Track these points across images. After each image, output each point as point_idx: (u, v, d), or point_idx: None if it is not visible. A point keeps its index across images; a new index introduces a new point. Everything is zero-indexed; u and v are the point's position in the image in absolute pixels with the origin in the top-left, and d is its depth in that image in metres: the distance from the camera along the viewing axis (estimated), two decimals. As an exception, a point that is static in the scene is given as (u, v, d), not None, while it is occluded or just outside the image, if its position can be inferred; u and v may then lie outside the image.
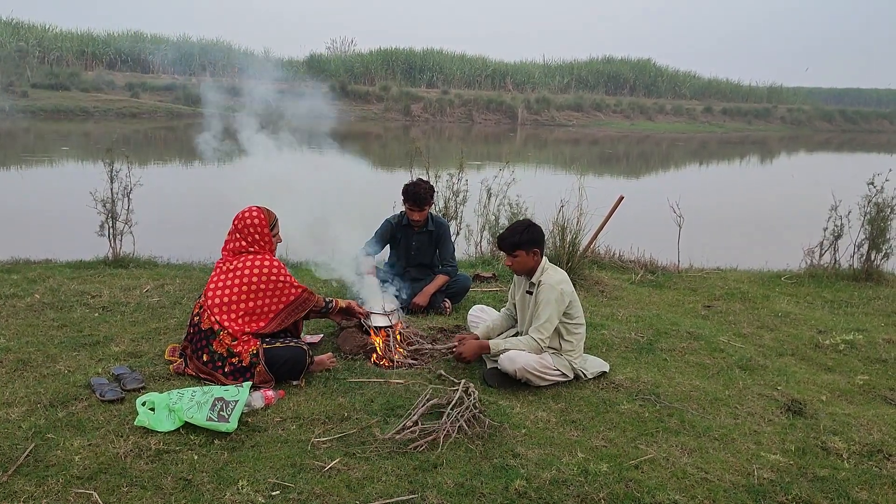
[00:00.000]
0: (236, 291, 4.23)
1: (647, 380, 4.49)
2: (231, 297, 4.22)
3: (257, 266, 4.27)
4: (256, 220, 4.40)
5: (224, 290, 4.25)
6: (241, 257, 4.33)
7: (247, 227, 4.38)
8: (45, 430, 3.44)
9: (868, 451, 3.69)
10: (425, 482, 3.16)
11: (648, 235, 8.87)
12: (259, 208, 4.46)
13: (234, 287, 4.23)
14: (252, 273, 4.25)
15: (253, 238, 4.38)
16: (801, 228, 8.93)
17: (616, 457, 3.49)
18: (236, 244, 4.39)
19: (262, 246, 4.40)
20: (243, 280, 4.23)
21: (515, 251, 4.36)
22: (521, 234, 4.36)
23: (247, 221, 4.39)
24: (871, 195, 7.88)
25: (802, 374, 4.92)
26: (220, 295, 4.24)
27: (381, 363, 4.64)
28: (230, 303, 4.21)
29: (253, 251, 4.36)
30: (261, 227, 4.39)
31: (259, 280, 4.25)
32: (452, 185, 8.11)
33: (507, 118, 40.45)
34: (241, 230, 4.39)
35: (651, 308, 6.43)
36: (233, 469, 3.20)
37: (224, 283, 4.26)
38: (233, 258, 4.35)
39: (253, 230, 4.38)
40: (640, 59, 54.67)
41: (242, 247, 4.37)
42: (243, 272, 4.25)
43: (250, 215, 4.41)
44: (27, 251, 7.38)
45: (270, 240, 4.46)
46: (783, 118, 49.84)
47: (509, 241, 4.37)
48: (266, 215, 4.45)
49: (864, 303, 7.02)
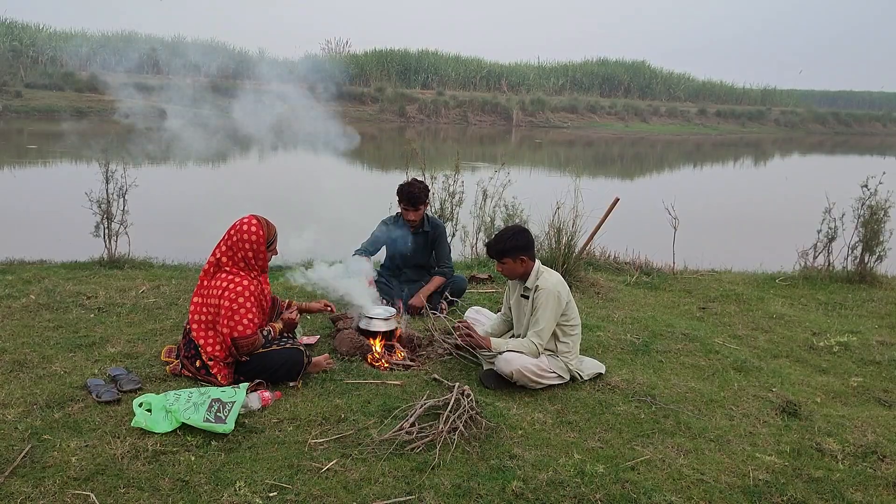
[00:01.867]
0: (212, 312, 4.09)
1: (643, 381, 4.51)
2: (206, 316, 4.10)
3: (224, 287, 4.04)
4: (254, 237, 4.10)
5: (201, 307, 4.12)
6: (221, 273, 4.10)
7: (242, 241, 4.09)
8: (42, 432, 3.44)
9: (862, 452, 3.72)
10: (422, 483, 3.17)
11: (643, 237, 8.89)
12: (259, 222, 4.16)
13: (209, 307, 4.09)
14: (220, 295, 4.05)
15: (244, 255, 4.10)
16: (794, 230, 8.97)
17: (612, 458, 3.51)
18: (221, 257, 4.13)
19: (252, 264, 4.14)
20: (214, 301, 4.07)
21: (503, 258, 4.37)
22: (506, 241, 4.36)
23: (243, 237, 4.09)
24: (864, 198, 7.92)
25: (797, 375, 4.95)
26: (197, 311, 4.13)
27: (378, 365, 4.64)
28: (206, 322, 4.10)
29: (229, 269, 4.10)
30: (258, 243, 4.12)
31: (220, 303, 4.04)
32: (448, 186, 8.12)
33: (503, 119, 40.45)
34: (234, 244, 4.10)
35: (646, 310, 6.45)
36: (230, 470, 3.21)
37: (202, 301, 4.13)
38: (215, 274, 4.13)
39: (248, 247, 4.10)
40: (635, 61, 54.72)
41: (222, 262, 4.12)
42: (216, 292, 4.06)
43: (248, 230, 4.11)
44: (22, 251, 7.36)
45: (265, 258, 4.19)
46: (777, 120, 49.99)
47: (495, 249, 4.39)
48: (265, 230, 4.15)
49: (857, 305, 7.06)
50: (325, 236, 5.50)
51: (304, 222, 5.35)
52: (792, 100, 57.58)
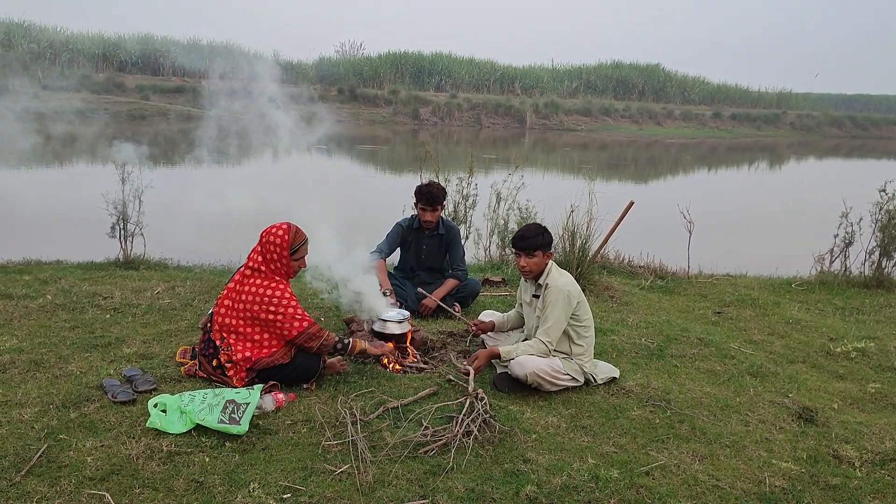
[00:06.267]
0: (241, 318, 4.09)
1: (658, 386, 4.48)
2: (237, 321, 4.10)
3: (260, 294, 4.06)
4: (279, 241, 4.14)
5: (231, 311, 4.13)
6: (252, 278, 4.13)
7: (270, 243, 4.14)
8: (58, 431, 3.46)
9: (880, 459, 3.68)
10: (436, 487, 3.16)
11: (658, 241, 8.86)
12: (287, 227, 4.19)
13: (239, 311, 4.09)
14: (255, 301, 4.06)
15: (271, 257, 4.14)
16: (810, 235, 8.90)
17: (627, 463, 3.49)
18: (256, 258, 4.16)
19: (278, 268, 4.16)
20: (247, 307, 4.07)
21: (536, 251, 4.39)
22: (542, 235, 4.42)
23: (270, 238, 4.15)
24: (882, 202, 7.85)
25: (814, 381, 4.90)
26: (227, 315, 4.14)
27: (392, 367, 4.64)
28: (236, 326, 4.10)
29: (264, 272, 4.13)
30: (282, 247, 4.14)
31: (260, 310, 4.05)
32: (462, 188, 8.11)
33: (516, 122, 40.44)
34: (263, 244, 4.16)
35: (661, 314, 6.41)
36: (244, 471, 3.21)
37: (232, 305, 4.13)
38: (247, 278, 4.15)
39: (274, 249, 4.13)
40: (649, 64, 54.53)
41: (258, 263, 4.14)
42: (248, 298, 4.07)
43: (275, 233, 4.16)
44: (39, 252, 7.42)
45: (288, 264, 4.18)
46: (793, 124, 49.64)
47: (533, 242, 4.39)
48: (290, 237, 4.16)
49: (875, 310, 6.99)
50: (339, 238, 5.50)
51: (319, 224, 5.35)
52: (808, 103, 57.17)
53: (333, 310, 5.76)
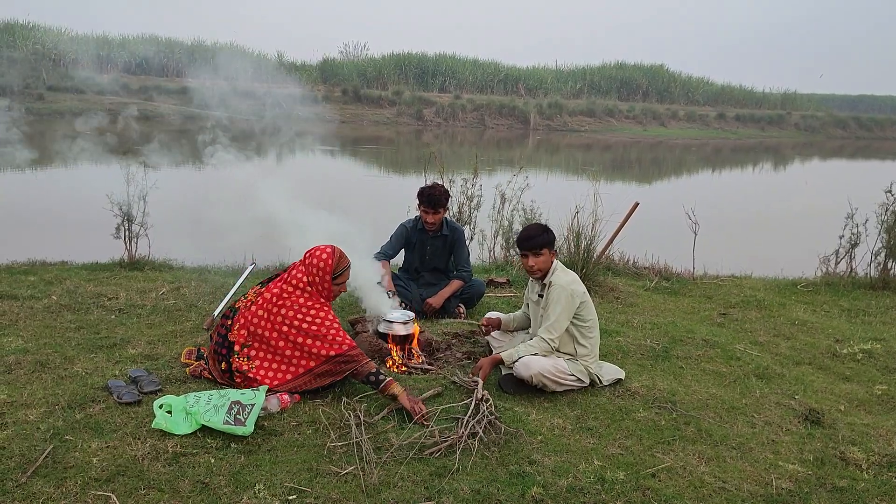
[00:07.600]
0: (277, 330, 4.05)
1: (663, 387, 4.47)
2: (271, 332, 4.04)
3: (304, 312, 4.04)
4: (322, 264, 4.14)
5: (264, 321, 4.07)
6: (295, 295, 4.09)
7: (313, 265, 4.14)
8: (64, 432, 3.46)
9: (887, 461, 3.66)
10: (442, 488, 3.16)
11: (662, 242, 8.83)
12: (331, 252, 4.18)
13: (276, 324, 4.04)
14: (295, 316, 4.03)
15: (313, 279, 4.12)
16: (816, 236, 8.87)
17: (633, 465, 3.48)
18: (301, 277, 4.13)
19: (320, 291, 4.14)
20: (285, 320, 4.03)
21: (542, 249, 4.41)
22: (546, 233, 4.46)
23: (314, 261, 4.15)
24: (888, 203, 7.83)
25: (820, 383, 4.89)
26: (259, 325, 4.07)
27: (396, 368, 4.63)
28: (269, 337, 4.04)
29: (310, 292, 4.10)
30: (323, 271, 4.13)
31: (301, 323, 4.01)
32: (466, 189, 8.11)
33: (520, 123, 40.39)
34: (307, 265, 4.16)
35: (666, 315, 6.40)
36: (249, 473, 3.21)
37: (268, 316, 4.07)
38: (288, 294, 4.10)
39: (316, 272, 4.13)
40: (653, 65, 54.38)
41: (304, 283, 4.11)
42: (289, 313, 4.04)
43: (319, 255, 4.15)
44: (44, 253, 7.42)
45: (329, 288, 4.16)
46: (797, 125, 49.51)
47: (539, 241, 4.41)
48: (334, 262, 4.15)
49: (881, 312, 6.96)
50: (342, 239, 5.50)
51: (322, 225, 5.35)
52: (812, 104, 56.97)
53: (338, 311, 5.75)
